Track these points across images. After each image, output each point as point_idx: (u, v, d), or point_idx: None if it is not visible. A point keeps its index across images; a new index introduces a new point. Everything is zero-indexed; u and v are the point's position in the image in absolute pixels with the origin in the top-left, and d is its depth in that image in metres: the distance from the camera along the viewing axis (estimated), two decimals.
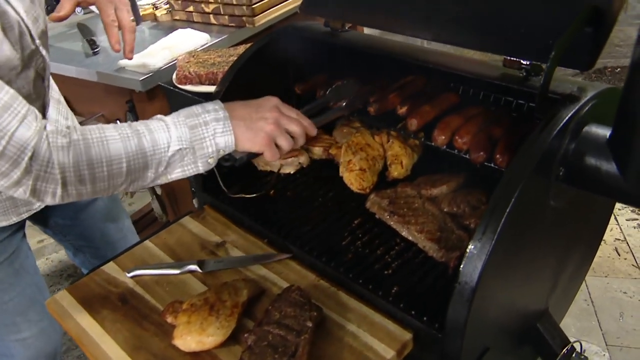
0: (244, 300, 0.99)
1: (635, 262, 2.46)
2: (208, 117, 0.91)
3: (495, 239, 0.79)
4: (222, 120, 0.91)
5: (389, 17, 1.14)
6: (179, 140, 0.88)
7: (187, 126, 0.89)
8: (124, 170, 0.85)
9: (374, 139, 1.35)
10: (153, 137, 0.87)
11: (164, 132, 0.88)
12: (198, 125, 0.90)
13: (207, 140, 0.90)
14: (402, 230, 1.09)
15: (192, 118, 0.90)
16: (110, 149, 0.83)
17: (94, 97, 1.93)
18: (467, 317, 0.83)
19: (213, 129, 0.90)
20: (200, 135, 0.90)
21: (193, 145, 0.89)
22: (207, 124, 0.90)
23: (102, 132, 0.84)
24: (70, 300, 1.04)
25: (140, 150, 0.85)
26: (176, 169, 0.90)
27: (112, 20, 1.32)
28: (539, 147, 0.82)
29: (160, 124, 0.89)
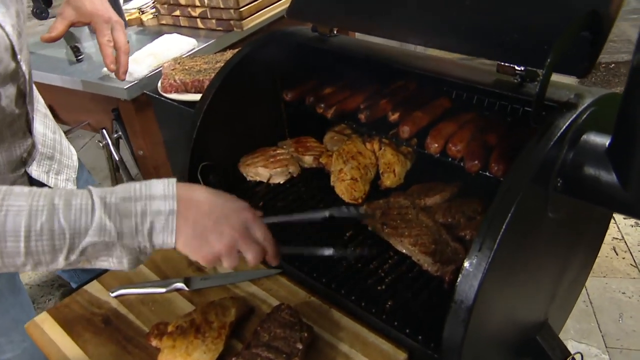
0: (232, 320, 0.95)
1: (633, 262, 2.44)
2: (149, 205, 0.72)
3: (491, 256, 0.76)
4: (165, 215, 0.73)
5: (377, 21, 1.10)
6: (100, 229, 0.70)
7: (118, 212, 0.71)
8: (22, 250, 0.68)
9: (365, 147, 1.31)
10: (69, 218, 0.69)
11: (85, 213, 0.70)
12: (133, 215, 0.72)
13: (139, 235, 0.72)
14: (395, 243, 1.06)
15: (129, 203, 0.72)
16: (7, 223, 0.67)
17: (79, 105, 1.89)
18: (464, 337, 0.79)
19: (150, 224, 0.72)
20: (133, 227, 0.72)
21: (121, 238, 0.71)
22: (144, 214, 0.72)
23: (5, 199, 0.68)
24: (51, 323, 1.00)
25: (47, 231, 0.68)
26: (97, 259, 0.73)
27: (108, 41, 1.29)
28: (535, 158, 0.79)
29: (85, 202, 0.71)
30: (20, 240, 0.68)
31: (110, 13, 1.28)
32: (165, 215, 0.73)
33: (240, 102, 1.28)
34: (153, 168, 1.83)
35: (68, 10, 1.28)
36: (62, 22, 1.27)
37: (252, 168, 1.30)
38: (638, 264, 2.42)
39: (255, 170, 1.30)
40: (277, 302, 1.00)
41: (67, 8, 1.28)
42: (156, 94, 1.54)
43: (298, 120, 1.45)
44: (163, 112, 1.62)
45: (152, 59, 1.68)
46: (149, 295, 1.06)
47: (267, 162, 1.29)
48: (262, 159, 1.31)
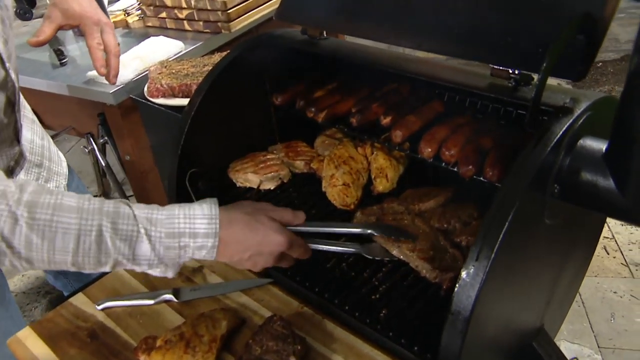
0: (223, 333, 0.92)
1: (624, 261, 2.44)
2: (192, 243, 0.77)
3: (489, 266, 0.74)
4: (207, 249, 0.78)
5: (368, 24, 1.08)
6: (143, 259, 0.75)
7: (162, 245, 0.75)
8: (69, 261, 0.72)
9: (357, 151, 1.29)
10: (115, 243, 0.73)
11: (132, 242, 0.74)
12: (175, 248, 0.76)
13: (181, 259, 0.79)
14: (392, 249, 1.02)
15: (173, 239, 0.76)
16: (56, 239, 0.70)
17: (63, 110, 1.85)
18: (462, 348, 0.77)
19: (192, 253, 0.78)
20: (176, 255, 0.77)
21: (164, 261, 0.77)
22: (187, 248, 0.77)
23: (55, 215, 0.70)
24: (34, 339, 0.97)
25: (94, 251, 0.72)
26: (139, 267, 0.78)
27: (98, 44, 1.26)
28: (532, 164, 0.77)
29: (131, 229, 0.74)
30: (69, 254, 0.71)
31: (99, 15, 1.25)
32: (207, 250, 0.79)
33: (229, 107, 1.25)
34: (140, 173, 1.80)
35: (55, 13, 1.24)
36: (49, 25, 1.23)
37: (241, 174, 1.27)
38: (629, 263, 2.42)
39: (245, 176, 1.27)
40: (269, 313, 0.98)
41: (54, 10, 1.24)
42: (142, 98, 1.50)
43: (288, 124, 1.42)
44: (150, 117, 1.58)
45: (138, 62, 1.64)
46: (136, 308, 1.02)
47: (257, 168, 1.27)
48: (252, 165, 1.28)
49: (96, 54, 1.26)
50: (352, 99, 1.23)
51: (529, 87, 0.93)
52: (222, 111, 1.24)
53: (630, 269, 2.40)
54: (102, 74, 1.28)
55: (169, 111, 1.44)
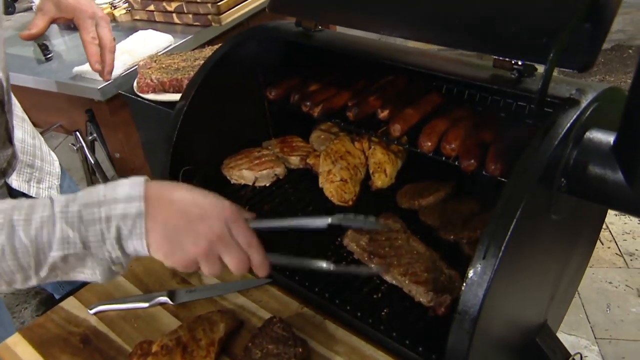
0: (221, 336, 0.89)
1: (618, 251, 2.44)
2: (114, 209, 0.66)
3: (497, 264, 0.72)
4: (132, 218, 0.66)
5: (364, 15, 1.05)
6: (63, 243, 0.65)
7: (81, 221, 0.65)
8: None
9: (354, 146, 1.26)
10: (29, 234, 0.64)
11: (46, 227, 0.64)
12: (97, 221, 0.65)
13: (107, 243, 0.66)
14: (384, 275, 0.97)
15: (91, 208, 0.66)
16: None
17: (50, 106, 1.80)
18: (469, 348, 0.75)
19: (117, 229, 0.66)
20: (99, 235, 0.66)
21: (87, 248, 0.66)
22: (109, 220, 0.66)
23: None
24: (24, 346, 0.93)
25: (9, 251, 0.64)
26: (71, 272, 0.68)
27: (93, 38, 1.20)
28: (540, 159, 0.74)
29: (46, 214, 0.65)
30: None
31: (94, 8, 1.20)
32: (132, 219, 0.66)
33: (222, 101, 1.22)
34: (130, 170, 1.76)
35: (48, 5, 1.19)
36: (42, 18, 1.18)
37: (236, 171, 1.24)
38: (623, 253, 2.43)
39: (239, 172, 1.23)
40: (267, 314, 0.95)
41: (47, 3, 1.19)
42: (132, 94, 1.46)
43: (282, 119, 1.39)
44: (140, 112, 1.54)
45: (126, 57, 1.60)
46: (130, 311, 0.99)
47: (251, 164, 1.24)
48: (246, 161, 1.25)
49: (91, 49, 1.20)
50: (348, 92, 1.20)
51: (532, 78, 0.91)
52: (215, 106, 1.20)
53: (624, 259, 2.40)
54: (96, 70, 1.23)
55: (160, 107, 1.40)
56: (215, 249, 0.71)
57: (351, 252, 1.04)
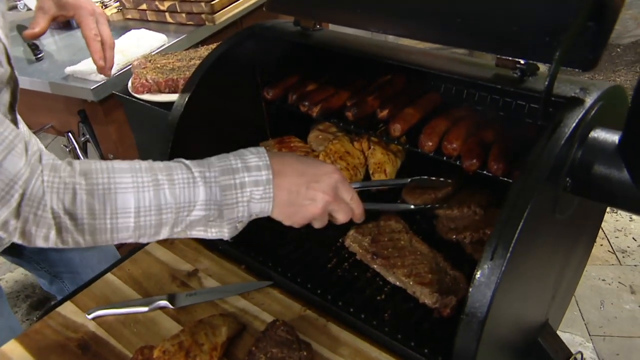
0: (224, 340, 0.88)
1: (611, 248, 2.46)
2: (247, 177, 0.74)
3: (505, 264, 0.71)
4: (263, 185, 0.75)
5: (363, 14, 1.04)
6: (206, 204, 0.72)
7: (219, 186, 0.73)
8: (132, 225, 0.70)
9: (353, 146, 1.25)
10: (174, 193, 0.71)
11: (190, 188, 0.72)
12: (233, 187, 0.73)
13: (240, 205, 0.74)
14: (387, 275, 0.96)
15: (228, 176, 0.73)
16: (117, 200, 0.69)
17: (41, 107, 1.77)
18: (477, 350, 0.74)
19: (250, 194, 0.74)
20: (233, 199, 0.74)
21: (222, 209, 0.73)
22: (243, 186, 0.74)
23: (111, 177, 0.69)
24: (20, 353, 0.91)
25: (155, 207, 0.70)
26: (196, 229, 0.75)
27: (95, 35, 1.20)
28: (547, 159, 0.74)
29: (186, 176, 0.72)
30: (131, 216, 0.69)
31: (93, 5, 1.19)
32: (263, 185, 0.75)
33: (219, 102, 1.20)
34: None
35: (48, 3, 1.18)
36: (43, 16, 1.17)
37: None
38: (616, 250, 2.45)
39: None
40: (270, 317, 0.94)
41: (47, 1, 1.18)
42: (127, 94, 1.44)
43: (279, 119, 1.37)
44: (135, 113, 1.52)
45: (120, 57, 1.57)
46: (130, 316, 0.97)
47: None
48: None
49: (94, 45, 1.20)
50: (346, 91, 1.19)
51: (535, 77, 0.90)
52: (212, 106, 1.19)
53: (617, 256, 2.42)
54: (100, 67, 1.23)
55: (156, 107, 1.38)
56: (329, 207, 0.80)
57: (353, 252, 1.03)
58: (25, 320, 2.42)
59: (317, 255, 1.04)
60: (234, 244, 1.07)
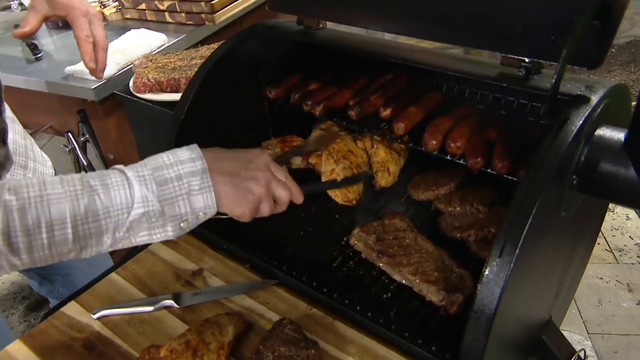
0: (230, 339, 0.88)
1: (608, 247, 2.48)
2: (182, 169, 0.73)
3: (513, 262, 0.71)
4: (200, 174, 0.73)
5: (368, 13, 1.04)
6: (143, 201, 0.70)
7: (154, 182, 0.71)
8: (70, 237, 0.67)
9: (356, 145, 1.25)
10: (109, 196, 0.69)
11: (124, 189, 0.70)
12: (169, 181, 0.72)
13: (179, 199, 0.72)
14: (393, 274, 0.97)
15: (161, 171, 0.72)
16: (51, 212, 0.65)
17: (40, 107, 1.76)
18: (485, 347, 0.74)
19: (187, 185, 0.73)
20: (172, 193, 0.72)
21: (162, 206, 0.71)
22: (179, 178, 0.72)
23: (42, 189, 0.66)
24: (25, 353, 0.91)
25: (91, 213, 0.67)
26: (140, 233, 0.72)
27: (87, 36, 1.19)
28: (554, 157, 0.74)
29: (120, 179, 0.70)
30: (67, 227, 0.67)
31: (87, 5, 1.18)
32: (199, 175, 0.73)
33: (222, 101, 1.20)
34: None
35: (40, 3, 1.17)
36: (35, 15, 1.16)
37: None
38: (613, 249, 2.46)
39: None
40: (276, 316, 0.94)
41: (39, 0, 1.17)
42: (128, 94, 1.43)
43: (281, 118, 1.37)
44: (136, 113, 1.51)
45: (120, 56, 1.57)
46: (135, 315, 0.97)
47: None
48: None
49: (85, 47, 1.19)
50: (348, 90, 1.20)
51: (540, 75, 0.91)
52: (214, 105, 1.18)
53: (614, 254, 2.43)
54: (90, 69, 1.22)
55: (157, 107, 1.37)
56: (271, 186, 0.80)
57: (358, 251, 1.03)
58: (23, 322, 2.41)
59: (321, 254, 1.04)
60: (239, 243, 1.07)
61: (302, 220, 1.14)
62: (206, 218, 0.76)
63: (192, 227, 0.76)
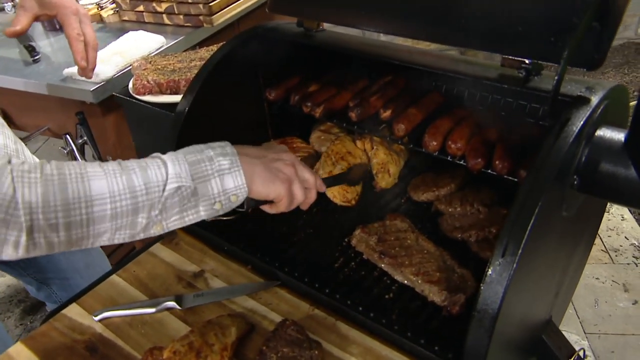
0: (234, 340, 0.88)
1: (603, 247, 2.50)
2: (212, 152, 0.77)
3: (516, 262, 0.72)
4: (230, 156, 0.77)
5: (369, 15, 1.05)
6: (177, 176, 0.73)
7: (187, 162, 0.75)
8: (108, 213, 0.69)
9: (356, 146, 1.25)
10: (145, 174, 0.71)
11: (159, 168, 0.73)
12: (200, 161, 0.75)
13: (211, 178, 0.75)
14: (395, 274, 0.97)
15: (194, 154, 0.76)
16: (91, 187, 0.67)
17: (37, 108, 1.75)
18: (488, 347, 0.75)
19: (218, 165, 0.76)
20: (204, 171, 0.75)
21: (195, 184, 0.74)
22: (211, 159, 0.76)
23: (82, 168, 0.69)
24: (27, 356, 0.90)
25: (129, 189, 0.70)
26: (174, 214, 0.74)
27: (78, 34, 1.20)
28: (555, 158, 0.75)
29: (155, 161, 0.74)
30: (107, 202, 0.69)
31: (76, 5, 1.18)
32: (230, 156, 0.77)
33: (222, 103, 1.20)
34: None
35: (30, 2, 1.17)
36: (25, 14, 1.16)
37: None
38: (608, 249, 2.48)
39: None
40: (278, 317, 0.94)
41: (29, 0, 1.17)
42: (127, 95, 1.43)
43: (281, 120, 1.38)
44: (135, 115, 1.51)
45: (118, 58, 1.56)
46: (137, 317, 0.97)
47: None
48: None
49: (77, 45, 1.19)
50: (348, 92, 1.20)
51: (540, 76, 0.92)
52: (214, 107, 1.18)
53: (610, 254, 2.45)
54: (82, 67, 1.22)
55: (157, 108, 1.37)
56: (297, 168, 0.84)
57: (360, 252, 1.03)
58: (19, 325, 2.39)
59: (323, 255, 1.05)
60: (240, 244, 1.07)
61: (303, 222, 1.14)
62: (238, 202, 0.78)
63: (226, 209, 0.78)
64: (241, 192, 0.77)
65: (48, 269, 1.34)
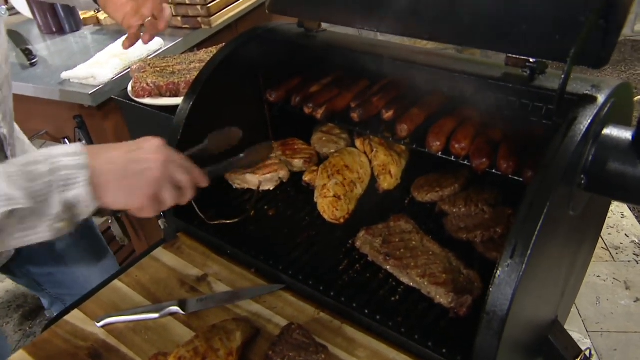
0: (239, 345, 0.87)
1: (604, 245, 2.49)
2: (57, 163, 0.66)
3: (525, 263, 0.71)
4: (76, 169, 0.67)
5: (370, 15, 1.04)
6: (7, 199, 0.63)
7: (24, 177, 0.65)
8: None
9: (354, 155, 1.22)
10: None
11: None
12: (41, 176, 0.66)
13: (52, 195, 0.66)
14: (401, 276, 0.96)
15: (33, 165, 0.66)
16: None
17: (36, 113, 1.74)
18: (498, 349, 0.74)
19: (60, 178, 0.66)
20: (43, 188, 0.65)
21: (34, 204, 0.65)
22: (52, 172, 0.66)
23: None
24: None
25: None
26: (13, 235, 0.67)
27: None
28: (563, 157, 0.74)
29: None
30: None
31: None
32: (76, 169, 0.67)
33: (222, 105, 1.19)
34: None
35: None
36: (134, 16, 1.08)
37: (239, 175, 1.21)
38: (609, 247, 2.48)
39: (242, 177, 1.21)
40: (284, 321, 0.93)
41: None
42: (126, 98, 1.42)
43: (281, 121, 1.37)
44: (134, 118, 1.50)
45: (116, 61, 1.55)
46: (140, 323, 0.96)
47: (255, 168, 1.21)
48: None
49: None
50: (350, 93, 1.19)
51: (544, 75, 0.91)
52: (215, 109, 1.17)
53: (610, 252, 2.45)
54: None
55: (157, 111, 1.36)
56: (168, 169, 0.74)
57: (364, 254, 1.02)
58: (18, 331, 2.38)
59: (327, 257, 1.04)
60: (243, 247, 1.06)
61: (307, 224, 1.13)
62: (87, 216, 0.70)
63: (72, 228, 0.70)
64: (88, 207, 0.69)
65: (65, 286, 1.31)
